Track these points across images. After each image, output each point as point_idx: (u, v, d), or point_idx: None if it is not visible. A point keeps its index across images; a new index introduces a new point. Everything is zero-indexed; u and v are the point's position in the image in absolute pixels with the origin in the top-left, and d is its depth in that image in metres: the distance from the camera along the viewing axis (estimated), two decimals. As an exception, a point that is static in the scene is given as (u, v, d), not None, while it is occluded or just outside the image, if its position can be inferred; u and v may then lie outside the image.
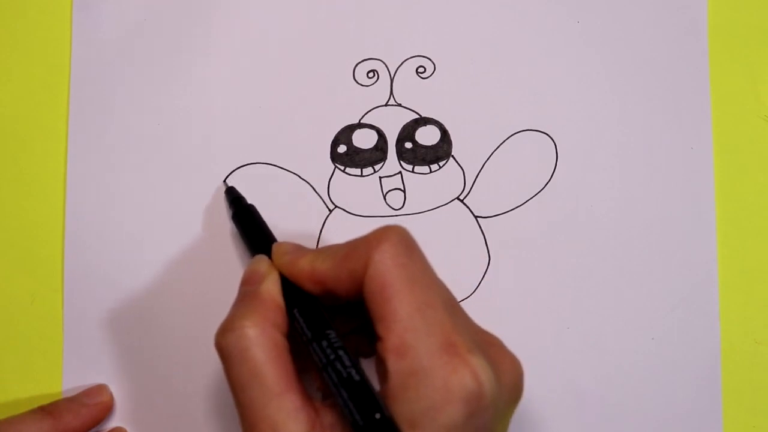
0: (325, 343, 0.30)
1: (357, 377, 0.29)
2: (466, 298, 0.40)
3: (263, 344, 0.30)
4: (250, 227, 0.38)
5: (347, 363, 0.29)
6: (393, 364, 0.29)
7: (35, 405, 0.38)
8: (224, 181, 0.41)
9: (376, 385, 0.30)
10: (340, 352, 0.30)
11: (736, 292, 0.41)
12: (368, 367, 0.32)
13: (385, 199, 0.41)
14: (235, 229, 0.40)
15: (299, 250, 0.33)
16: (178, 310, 0.40)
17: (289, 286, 0.32)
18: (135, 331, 0.40)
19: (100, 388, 0.39)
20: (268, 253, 0.35)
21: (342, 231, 0.40)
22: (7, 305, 0.41)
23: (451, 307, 0.30)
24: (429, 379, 0.28)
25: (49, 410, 0.38)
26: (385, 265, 0.29)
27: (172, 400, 0.40)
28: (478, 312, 0.40)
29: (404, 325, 0.29)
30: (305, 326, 0.31)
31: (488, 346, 0.31)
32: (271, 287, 0.32)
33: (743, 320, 0.41)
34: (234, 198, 0.39)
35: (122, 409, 0.40)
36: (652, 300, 0.41)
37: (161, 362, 0.40)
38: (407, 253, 0.30)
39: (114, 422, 0.40)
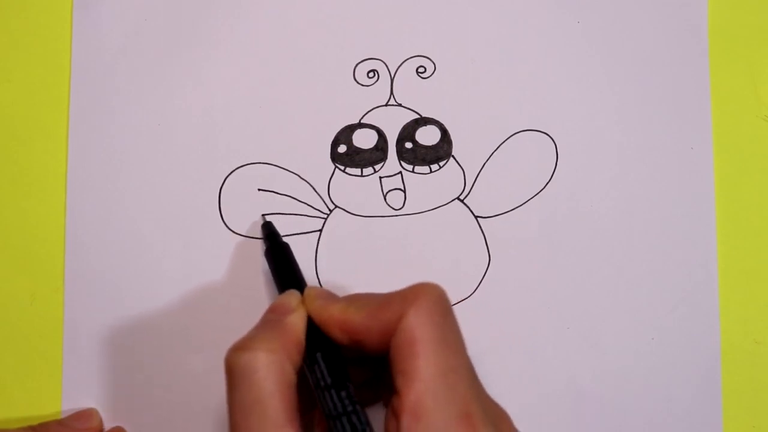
0: (344, 394, 0.30)
1: None
2: (466, 298, 0.40)
3: (274, 373, 0.29)
4: (282, 265, 0.38)
5: (363, 419, 0.30)
6: (407, 424, 0.28)
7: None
8: (263, 215, 0.40)
9: None
10: (357, 407, 0.30)
11: (736, 292, 0.41)
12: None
13: (385, 199, 0.41)
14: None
15: (331, 296, 0.33)
16: (178, 309, 0.40)
17: (314, 331, 0.32)
18: (135, 331, 0.40)
19: (90, 413, 0.39)
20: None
21: (342, 231, 0.40)
22: (7, 305, 0.41)
23: (473, 375, 0.30)
24: None
25: (38, 431, 0.38)
26: (420, 320, 0.29)
27: (172, 399, 0.40)
28: (478, 312, 0.40)
29: (426, 386, 0.28)
30: (326, 372, 0.31)
31: (499, 420, 0.30)
32: (297, 322, 0.32)
33: (743, 320, 0.41)
34: (269, 233, 0.39)
35: (122, 409, 0.40)
36: (652, 300, 0.41)
37: (161, 362, 0.40)
38: (443, 314, 0.30)
39: (114, 422, 0.40)
